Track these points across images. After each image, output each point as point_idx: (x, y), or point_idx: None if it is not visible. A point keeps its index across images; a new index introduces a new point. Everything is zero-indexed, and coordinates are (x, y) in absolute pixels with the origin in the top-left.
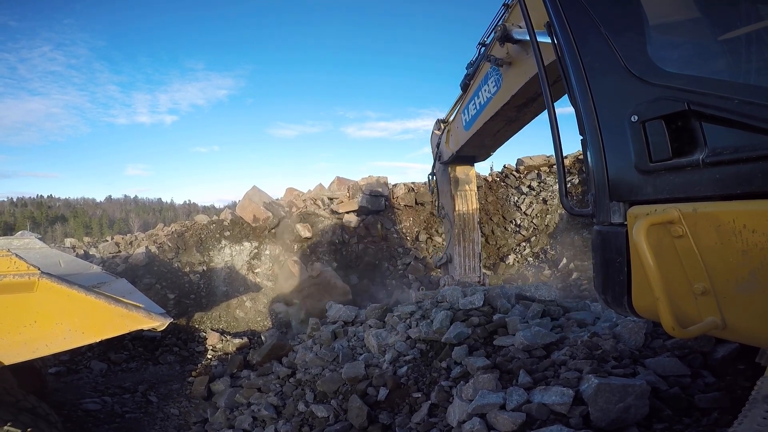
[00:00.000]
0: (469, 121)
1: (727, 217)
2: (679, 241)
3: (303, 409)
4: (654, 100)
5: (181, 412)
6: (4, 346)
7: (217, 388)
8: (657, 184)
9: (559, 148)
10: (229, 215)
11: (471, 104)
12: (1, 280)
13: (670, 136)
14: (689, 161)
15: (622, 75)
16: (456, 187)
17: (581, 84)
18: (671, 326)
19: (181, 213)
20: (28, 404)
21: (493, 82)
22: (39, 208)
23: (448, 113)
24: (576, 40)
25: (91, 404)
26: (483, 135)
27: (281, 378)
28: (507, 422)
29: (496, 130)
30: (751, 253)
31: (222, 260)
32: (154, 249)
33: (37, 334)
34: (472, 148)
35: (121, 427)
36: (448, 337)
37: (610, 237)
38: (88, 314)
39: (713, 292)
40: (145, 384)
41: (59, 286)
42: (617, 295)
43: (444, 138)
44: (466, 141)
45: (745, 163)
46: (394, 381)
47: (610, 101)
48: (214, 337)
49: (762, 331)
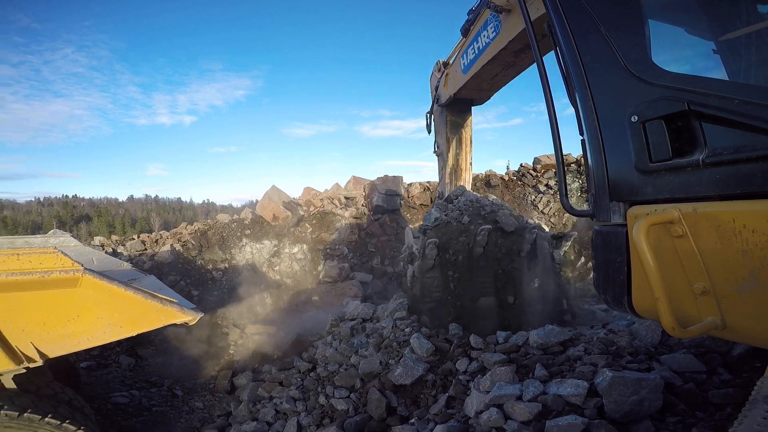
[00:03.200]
0: (468, 64)
1: (727, 217)
2: (679, 241)
3: (323, 401)
4: (654, 100)
5: (206, 405)
6: (49, 339)
7: (239, 382)
8: (657, 184)
9: (559, 148)
10: (249, 214)
11: (470, 48)
12: (48, 276)
13: (670, 136)
14: (689, 161)
15: (622, 75)
16: (452, 130)
17: (581, 84)
18: (671, 326)
19: (199, 212)
20: (65, 397)
21: (492, 27)
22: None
23: (449, 56)
24: (576, 40)
25: (120, 398)
26: (480, 78)
27: (302, 372)
28: (523, 412)
29: (493, 74)
30: (751, 253)
31: (243, 258)
32: (179, 247)
33: (79, 328)
34: (470, 91)
35: (148, 420)
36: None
37: (610, 237)
38: (126, 309)
39: (713, 292)
40: (170, 378)
41: (101, 281)
42: (617, 295)
43: (443, 81)
44: (463, 84)
45: (745, 163)
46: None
47: (610, 101)
48: (236, 332)
49: (762, 331)
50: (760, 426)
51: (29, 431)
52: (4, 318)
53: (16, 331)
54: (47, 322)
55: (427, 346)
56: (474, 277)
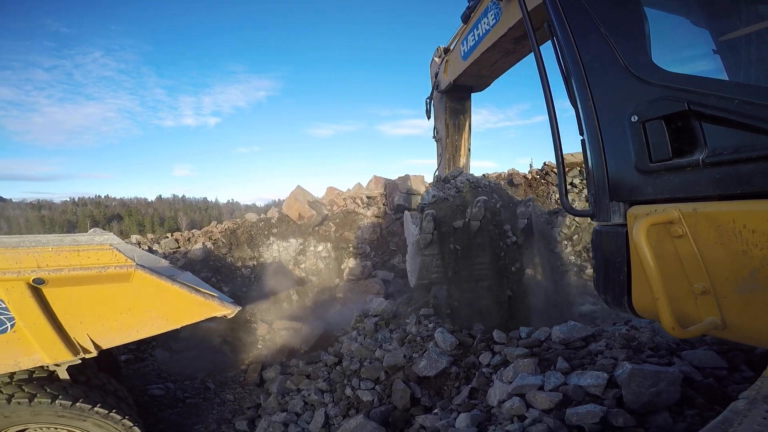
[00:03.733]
0: (468, 51)
1: (727, 217)
2: (679, 241)
3: (349, 393)
4: (654, 100)
5: (236, 397)
6: (104, 331)
7: (268, 375)
8: (657, 184)
9: (559, 148)
10: (276, 213)
11: (470, 35)
12: (105, 271)
13: (670, 136)
14: (689, 161)
15: (622, 75)
16: (451, 116)
17: (581, 84)
18: (671, 326)
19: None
20: (111, 387)
21: (493, 15)
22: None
23: (449, 42)
24: (576, 40)
25: (156, 390)
26: (480, 65)
27: (329, 366)
28: (545, 401)
29: (493, 61)
30: (751, 253)
31: (270, 256)
32: (210, 245)
33: (130, 321)
34: (470, 78)
35: (182, 411)
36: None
37: (610, 237)
38: (173, 302)
39: (713, 292)
40: (203, 372)
41: (151, 276)
42: (617, 295)
43: (443, 67)
44: (463, 70)
45: (745, 163)
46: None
47: (610, 101)
48: (264, 327)
49: (762, 331)
50: (760, 426)
51: (80, 420)
52: (65, 311)
53: (75, 324)
54: (102, 315)
55: (451, 340)
56: (472, 254)
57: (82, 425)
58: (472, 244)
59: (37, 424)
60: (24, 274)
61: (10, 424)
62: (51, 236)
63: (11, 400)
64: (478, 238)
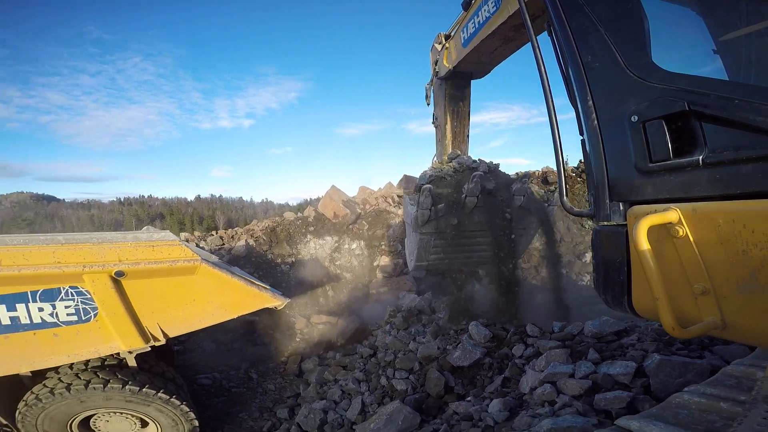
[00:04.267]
0: (468, 38)
1: (727, 217)
2: (679, 241)
3: (384, 383)
4: (654, 100)
5: (277, 387)
6: (171, 320)
7: (307, 366)
8: (657, 184)
9: (559, 148)
10: (312, 212)
11: (470, 22)
12: (175, 264)
13: (670, 136)
14: (689, 161)
15: (622, 75)
16: (450, 103)
17: (581, 84)
18: (671, 326)
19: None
20: (170, 375)
21: (493, 2)
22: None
23: (450, 29)
24: (576, 40)
25: (204, 379)
26: (480, 52)
27: (364, 357)
28: (575, 387)
29: (493, 48)
30: (751, 253)
31: (308, 253)
32: (252, 242)
33: (194, 311)
34: (470, 65)
35: (228, 400)
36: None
37: (610, 237)
38: (231, 294)
39: (713, 292)
40: (246, 362)
41: (213, 270)
42: (617, 295)
43: (443, 54)
44: (463, 57)
45: (745, 163)
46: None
47: (610, 101)
48: (302, 321)
49: (762, 331)
50: (760, 426)
51: (144, 405)
52: (140, 301)
53: (147, 313)
54: (171, 305)
55: (485, 332)
56: (469, 230)
57: (146, 410)
58: (469, 221)
59: (106, 409)
60: (107, 267)
61: (84, 409)
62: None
63: (88, 386)
64: (475, 215)
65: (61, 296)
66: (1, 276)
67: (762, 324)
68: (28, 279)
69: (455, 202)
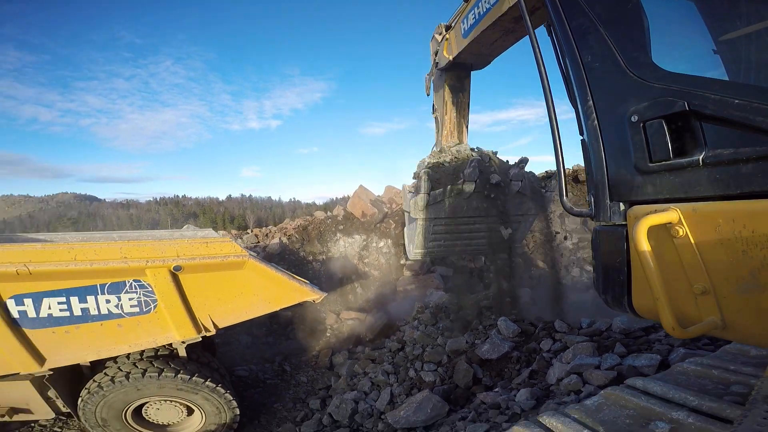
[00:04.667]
0: (468, 29)
1: (727, 218)
2: (679, 241)
3: (413, 375)
4: (654, 100)
5: (309, 379)
6: (221, 312)
7: (337, 360)
8: (657, 184)
9: (559, 148)
10: (341, 211)
11: (471, 13)
12: (226, 259)
13: (670, 136)
14: (689, 161)
15: (622, 75)
16: (450, 94)
17: (581, 84)
18: (671, 326)
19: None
20: (215, 365)
21: None
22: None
23: (450, 19)
24: (576, 40)
25: (241, 371)
26: (480, 43)
27: (392, 351)
28: (600, 377)
29: (493, 40)
30: (751, 253)
31: (337, 251)
32: (285, 240)
33: (241, 303)
34: (469, 56)
35: (264, 391)
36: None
37: (610, 237)
38: (275, 288)
39: (713, 292)
40: (280, 356)
41: (259, 265)
42: (617, 295)
43: (443, 45)
44: (463, 48)
45: (745, 163)
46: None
47: (610, 101)
48: (332, 317)
49: (762, 331)
50: (760, 426)
51: (193, 393)
52: (194, 294)
53: (200, 305)
54: (221, 298)
55: (513, 327)
56: (467, 216)
57: (194, 398)
58: (467, 206)
59: (159, 397)
60: (167, 261)
61: (140, 397)
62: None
63: (145, 374)
64: (473, 200)
65: (126, 289)
66: (76, 270)
67: (762, 324)
68: (99, 273)
69: (453, 189)
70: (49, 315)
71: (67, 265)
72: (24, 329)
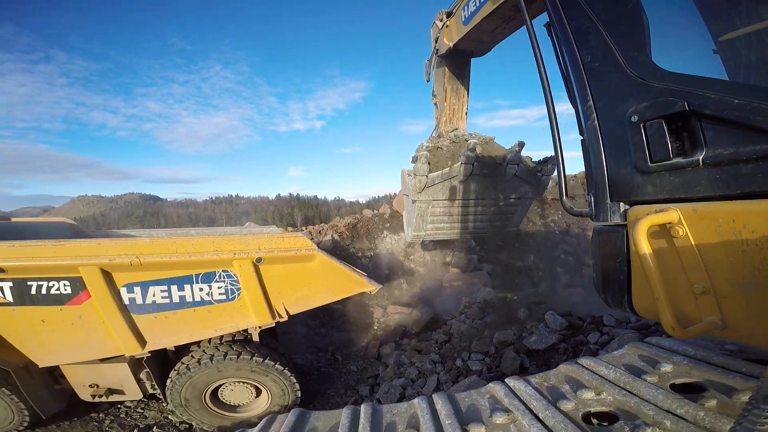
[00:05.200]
0: (469, 16)
1: (727, 218)
2: (679, 241)
3: (460, 364)
4: (654, 100)
5: (359, 368)
6: (293, 300)
7: (385, 351)
8: (657, 184)
9: (559, 148)
10: (387, 210)
11: (471, 1)
12: (299, 252)
13: (670, 136)
14: (689, 161)
15: (622, 75)
16: (450, 80)
17: (581, 84)
18: (671, 326)
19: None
20: (281, 350)
21: None
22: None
23: (452, 6)
24: (576, 40)
25: (299, 359)
26: (481, 31)
27: (439, 343)
28: None
29: (493, 27)
30: (751, 253)
31: (384, 248)
32: (336, 237)
33: (309, 293)
34: (470, 43)
35: (318, 378)
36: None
37: (609, 237)
38: (337, 279)
39: (713, 292)
40: (332, 346)
41: (326, 258)
42: (617, 295)
43: (443, 32)
44: (463, 35)
45: (745, 163)
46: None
47: (610, 101)
48: (379, 311)
49: (762, 331)
50: (760, 426)
51: (264, 375)
52: (271, 284)
53: (276, 294)
54: (293, 287)
55: (561, 321)
56: (465, 198)
57: (264, 380)
58: (465, 189)
59: (235, 378)
60: (251, 254)
61: (220, 378)
62: (233, 228)
63: (225, 357)
64: (471, 183)
65: (215, 278)
66: (178, 261)
67: (762, 324)
68: (195, 264)
69: (450, 172)
70: (153, 302)
71: (170, 257)
72: (132, 315)
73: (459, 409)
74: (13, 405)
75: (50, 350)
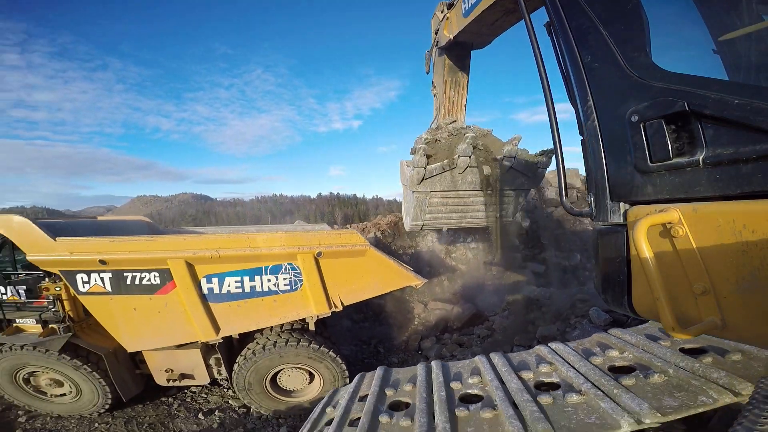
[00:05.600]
0: (469, 8)
1: (727, 218)
2: (679, 241)
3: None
4: (654, 100)
5: (400, 360)
6: (347, 292)
7: (425, 345)
8: (657, 184)
9: (559, 148)
10: None
11: None
12: (354, 248)
13: (670, 136)
14: (689, 161)
15: (622, 75)
16: (449, 72)
17: (581, 84)
18: (671, 326)
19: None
20: (333, 339)
21: None
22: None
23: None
24: (576, 40)
25: (345, 350)
26: (481, 23)
27: (481, 337)
28: None
29: (494, 19)
30: (751, 253)
31: (425, 245)
32: (379, 234)
33: (361, 285)
34: (470, 35)
35: (361, 368)
36: None
37: (609, 237)
38: (386, 273)
39: (713, 292)
40: (375, 339)
41: (377, 253)
42: (617, 295)
43: (443, 24)
44: (463, 27)
45: (745, 164)
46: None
47: (610, 101)
48: (420, 307)
49: (762, 332)
50: (761, 426)
51: (318, 362)
52: (329, 276)
53: (332, 286)
54: (347, 280)
55: (605, 316)
56: (463, 189)
57: (318, 366)
58: (462, 180)
59: (293, 364)
60: (312, 248)
61: (281, 363)
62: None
63: (287, 344)
64: (468, 175)
65: (282, 270)
66: (251, 254)
67: (762, 324)
68: (265, 257)
69: (448, 163)
70: (228, 291)
71: (245, 250)
72: (210, 303)
73: (512, 363)
74: (100, 388)
75: (138, 336)
